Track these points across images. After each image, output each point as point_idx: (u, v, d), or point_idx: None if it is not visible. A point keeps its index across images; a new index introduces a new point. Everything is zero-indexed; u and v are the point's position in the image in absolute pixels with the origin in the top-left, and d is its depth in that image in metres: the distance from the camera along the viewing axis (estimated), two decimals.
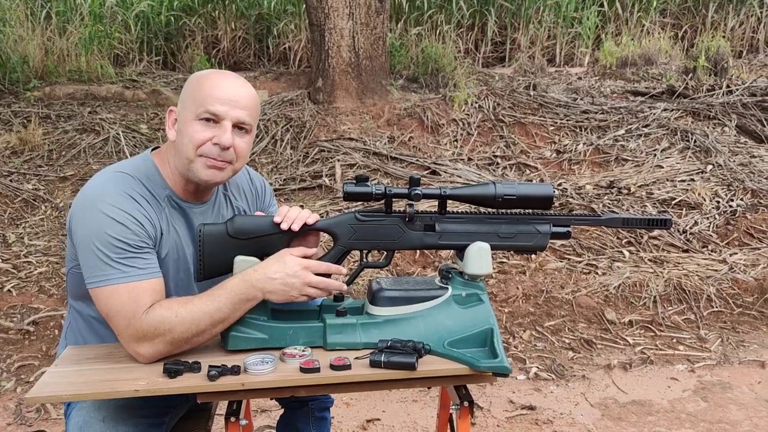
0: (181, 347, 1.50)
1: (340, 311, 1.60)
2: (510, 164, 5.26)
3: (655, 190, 4.82)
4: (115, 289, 1.49)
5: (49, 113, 5.73)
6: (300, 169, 5.15)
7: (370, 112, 5.75)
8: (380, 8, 5.93)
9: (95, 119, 5.64)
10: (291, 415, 1.91)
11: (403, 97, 6.02)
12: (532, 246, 1.66)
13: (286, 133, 5.50)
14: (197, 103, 1.57)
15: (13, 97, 6.00)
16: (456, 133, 5.56)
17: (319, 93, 5.91)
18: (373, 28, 5.92)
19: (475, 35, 8.51)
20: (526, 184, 1.63)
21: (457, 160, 5.25)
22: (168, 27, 7.58)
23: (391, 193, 1.60)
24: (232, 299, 1.51)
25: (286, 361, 1.50)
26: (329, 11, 5.76)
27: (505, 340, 3.43)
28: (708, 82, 6.50)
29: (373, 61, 5.97)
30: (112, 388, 1.41)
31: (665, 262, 4.08)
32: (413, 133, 5.53)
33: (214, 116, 1.57)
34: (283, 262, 1.56)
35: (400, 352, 1.48)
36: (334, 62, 5.85)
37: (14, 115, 5.69)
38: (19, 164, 5.13)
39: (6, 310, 3.53)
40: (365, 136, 5.41)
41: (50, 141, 5.40)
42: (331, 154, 5.22)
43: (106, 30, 6.56)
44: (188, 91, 1.61)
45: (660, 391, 3.07)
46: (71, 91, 6.06)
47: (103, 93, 6.08)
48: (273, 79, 6.54)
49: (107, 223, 1.50)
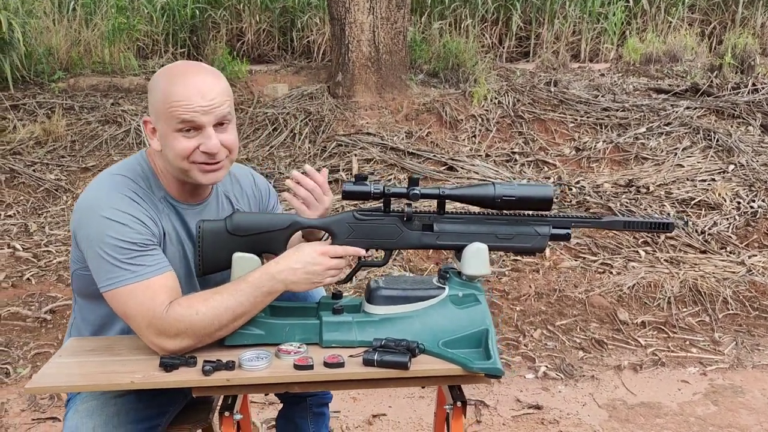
0: (203, 342, 1.53)
1: (337, 309, 1.61)
2: (528, 161, 5.23)
3: (675, 189, 4.76)
4: (129, 289, 1.50)
5: (72, 104, 5.82)
6: (317, 163, 5.16)
7: (389, 107, 5.75)
8: (401, 3, 5.92)
9: (117, 111, 5.71)
10: (289, 410, 1.93)
11: (423, 92, 6.01)
12: (530, 247, 1.66)
13: (305, 126, 5.53)
14: (171, 116, 1.53)
15: (39, 88, 6.10)
16: (474, 128, 5.53)
17: (339, 87, 5.93)
18: (394, 23, 5.91)
19: (499, 30, 8.46)
20: (525, 185, 1.63)
21: (474, 156, 5.24)
22: (193, 19, 7.65)
23: (390, 192, 1.61)
24: (254, 293, 1.53)
25: (281, 357, 1.52)
26: (350, 5, 5.77)
27: (515, 338, 3.42)
28: (734, 80, 6.40)
29: (393, 55, 5.96)
30: (109, 380, 1.44)
31: (681, 262, 4.03)
32: (431, 129, 5.52)
33: (192, 126, 1.54)
34: (303, 251, 1.58)
35: (394, 351, 1.49)
36: (354, 56, 5.86)
37: (39, 105, 5.79)
38: (43, 154, 5.22)
39: (24, 298, 3.60)
40: (383, 131, 5.41)
41: (73, 132, 5.49)
42: (349, 148, 5.23)
43: (129, 22, 6.62)
44: (157, 101, 1.55)
45: (670, 393, 3.05)
46: (95, 83, 6.15)
47: (126, 85, 6.16)
48: (293, 73, 6.57)
49: (110, 227, 1.51)
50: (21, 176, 4.93)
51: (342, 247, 1.61)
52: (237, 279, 1.56)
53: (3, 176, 4.92)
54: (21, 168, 4.99)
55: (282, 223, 1.61)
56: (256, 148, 5.38)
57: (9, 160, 5.09)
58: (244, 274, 1.57)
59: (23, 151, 5.25)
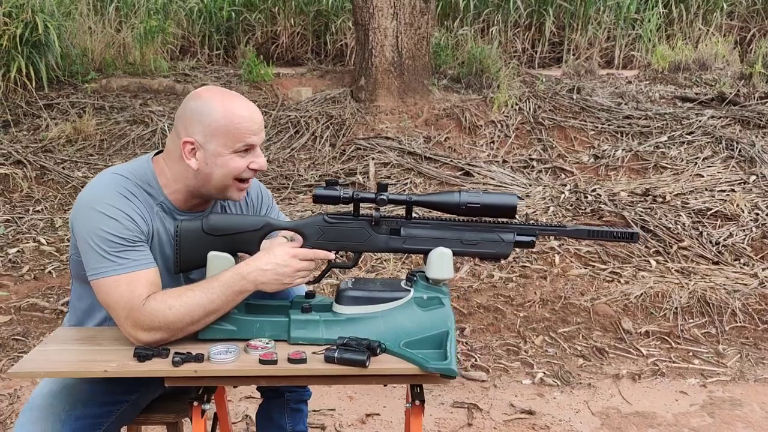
0: (177, 335, 1.61)
1: (305, 308, 1.68)
2: (545, 168, 5.24)
3: (692, 199, 4.72)
4: (112, 280, 1.60)
5: (103, 104, 6.01)
6: (336, 166, 5.25)
7: (409, 112, 5.81)
8: (425, 8, 5.98)
9: (145, 111, 5.89)
10: (268, 405, 2.01)
11: (444, 97, 6.05)
12: (495, 253, 1.71)
13: (326, 130, 5.62)
14: (234, 139, 1.66)
15: (72, 88, 6.31)
16: (493, 134, 5.56)
17: (362, 91, 6.01)
18: (417, 28, 5.97)
19: (532, 35, 8.45)
20: (491, 194, 1.68)
21: (491, 162, 5.27)
22: (229, 22, 7.82)
23: (359, 197, 1.68)
24: (225, 291, 1.62)
25: (249, 352, 1.60)
26: (374, 11, 5.85)
27: (516, 344, 3.45)
28: (762, 89, 6.30)
29: (416, 60, 6.03)
30: (86, 368, 1.54)
31: (692, 273, 4.01)
32: (450, 134, 5.56)
33: (251, 146, 1.69)
34: (273, 253, 1.66)
35: (354, 349, 1.55)
36: (377, 61, 5.93)
37: (72, 105, 6.00)
38: (72, 152, 5.41)
39: (44, 290, 3.76)
40: (401, 135, 5.48)
41: (102, 131, 5.67)
42: (367, 152, 5.31)
43: (160, 24, 6.81)
44: (215, 122, 1.65)
45: (666, 404, 3.04)
46: (125, 84, 6.33)
47: (155, 86, 6.33)
48: (319, 77, 6.67)
49: (102, 220, 1.61)
50: (50, 173, 5.12)
51: (311, 250, 1.68)
52: (211, 277, 1.64)
53: (34, 173, 5.12)
54: (51, 165, 5.18)
55: (255, 225, 1.69)
56: (278, 150, 5.50)
57: (40, 158, 5.29)
58: (219, 272, 1.65)
59: (54, 149, 5.45)
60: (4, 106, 5.87)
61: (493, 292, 3.83)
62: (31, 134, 5.64)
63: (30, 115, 5.89)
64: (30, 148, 5.40)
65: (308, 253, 1.68)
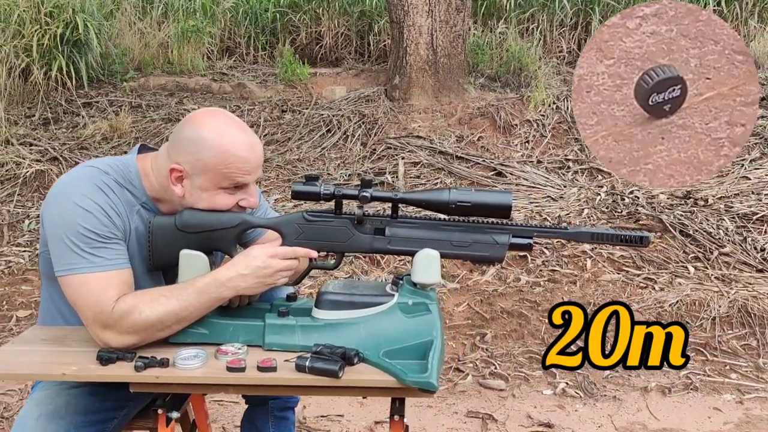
0: (147, 340, 1.53)
1: (282, 311, 1.58)
2: (582, 168, 5.04)
3: (737, 203, 4.46)
4: (82, 278, 1.52)
5: (140, 103, 6.05)
6: (365, 165, 5.15)
7: (443, 111, 5.68)
8: (461, 6, 5.83)
9: (180, 109, 5.90)
10: (252, 412, 1.91)
11: (480, 96, 5.89)
12: (488, 257, 1.58)
13: (358, 129, 5.53)
14: (223, 177, 1.56)
15: (111, 87, 6.37)
16: (528, 134, 5.38)
17: (396, 90, 5.90)
18: (453, 26, 5.83)
19: (578, 35, 8.22)
20: (482, 191, 1.55)
21: (525, 162, 5.09)
22: (274, 23, 7.82)
23: (341, 194, 1.57)
24: (200, 299, 1.53)
25: (218, 358, 1.50)
26: (408, 8, 5.73)
27: (539, 352, 3.28)
28: None
29: (452, 59, 5.88)
30: (46, 370, 1.47)
31: (734, 281, 3.77)
32: (484, 133, 5.40)
33: (242, 185, 1.60)
34: (251, 256, 1.56)
35: (326, 358, 1.44)
36: (412, 60, 5.81)
37: (110, 104, 6.05)
38: (108, 150, 5.45)
39: None
40: (433, 135, 5.34)
41: (137, 129, 5.70)
42: (397, 151, 5.19)
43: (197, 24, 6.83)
44: (206, 158, 1.55)
45: (698, 421, 2.84)
46: (163, 82, 6.37)
47: (192, 85, 6.35)
48: (354, 76, 6.59)
49: (77, 213, 1.53)
50: None
51: (291, 248, 1.58)
52: (186, 282, 1.55)
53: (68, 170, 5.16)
54: None
55: (230, 222, 1.60)
56: (309, 149, 5.42)
57: (76, 154, 5.34)
58: (193, 274, 1.56)
59: (90, 146, 5.49)
60: (45, 104, 5.96)
61: (518, 296, 3.67)
62: (70, 132, 5.71)
63: (69, 113, 5.97)
64: (67, 145, 5.46)
65: (287, 251, 1.58)
